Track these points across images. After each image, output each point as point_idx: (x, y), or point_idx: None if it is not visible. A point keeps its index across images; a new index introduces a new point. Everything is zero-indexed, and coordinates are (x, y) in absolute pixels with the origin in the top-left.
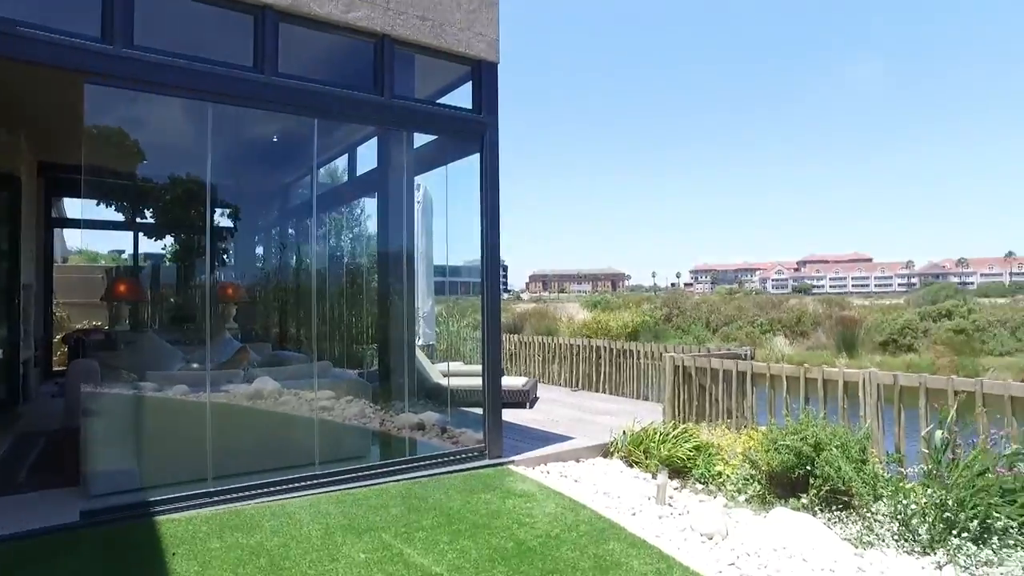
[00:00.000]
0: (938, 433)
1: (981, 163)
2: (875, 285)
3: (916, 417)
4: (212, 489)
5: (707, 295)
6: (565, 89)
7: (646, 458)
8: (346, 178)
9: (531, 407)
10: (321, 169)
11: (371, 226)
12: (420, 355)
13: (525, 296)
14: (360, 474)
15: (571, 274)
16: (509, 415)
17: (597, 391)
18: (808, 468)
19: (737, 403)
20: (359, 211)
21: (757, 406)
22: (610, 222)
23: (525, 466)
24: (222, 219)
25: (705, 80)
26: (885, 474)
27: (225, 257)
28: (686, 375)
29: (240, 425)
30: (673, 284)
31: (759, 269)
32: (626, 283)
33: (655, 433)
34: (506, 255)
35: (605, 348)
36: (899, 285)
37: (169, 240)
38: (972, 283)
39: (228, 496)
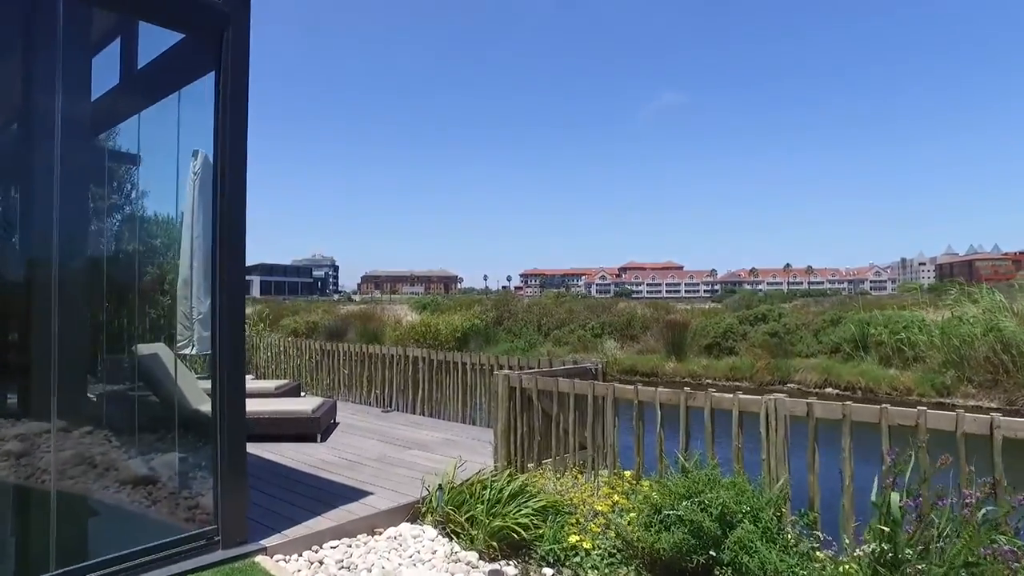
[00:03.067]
0: (894, 496)
1: (766, 187)
2: (685, 291)
3: (832, 449)
4: None
5: (537, 298)
6: (398, 91)
7: (471, 527)
8: None
9: (324, 439)
10: None
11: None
12: (178, 369)
13: (357, 297)
14: None
15: (404, 275)
16: (291, 454)
17: (414, 412)
18: (713, 553)
19: (594, 436)
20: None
21: (619, 439)
22: (444, 225)
23: (285, 553)
24: None
25: (538, 98)
26: (796, 544)
27: None
28: (525, 399)
29: None
30: (504, 287)
31: (584, 275)
32: (459, 285)
33: (483, 489)
34: (339, 255)
35: (423, 359)
36: (704, 291)
37: None
38: (761, 290)
39: None
